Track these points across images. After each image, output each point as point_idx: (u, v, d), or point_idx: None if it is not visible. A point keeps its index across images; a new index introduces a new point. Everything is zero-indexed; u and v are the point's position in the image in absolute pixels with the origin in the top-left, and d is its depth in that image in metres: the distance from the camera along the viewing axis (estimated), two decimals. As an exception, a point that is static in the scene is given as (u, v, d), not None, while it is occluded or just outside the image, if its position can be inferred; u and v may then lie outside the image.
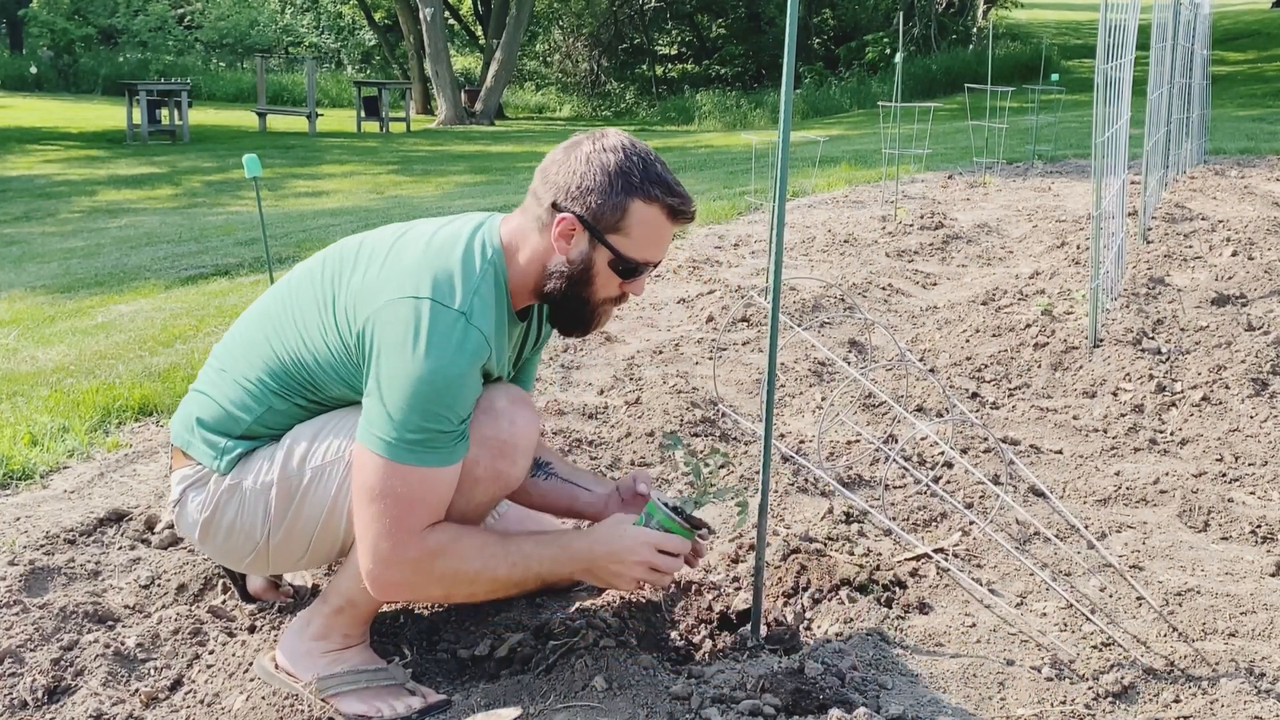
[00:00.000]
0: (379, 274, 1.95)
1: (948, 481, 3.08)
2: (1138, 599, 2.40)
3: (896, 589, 2.45)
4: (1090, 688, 2.05)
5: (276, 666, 2.07)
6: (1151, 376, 3.88)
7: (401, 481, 1.86)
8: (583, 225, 1.95)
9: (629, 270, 1.99)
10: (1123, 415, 3.58)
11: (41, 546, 2.65)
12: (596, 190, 1.93)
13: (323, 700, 1.99)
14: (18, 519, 2.88)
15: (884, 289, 5.50)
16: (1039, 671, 2.12)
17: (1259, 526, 2.74)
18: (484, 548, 1.96)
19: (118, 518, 2.84)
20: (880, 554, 2.64)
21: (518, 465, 1.99)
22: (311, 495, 2.02)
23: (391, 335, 1.87)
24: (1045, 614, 2.36)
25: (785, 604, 2.36)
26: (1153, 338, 4.34)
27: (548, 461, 2.36)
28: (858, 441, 3.40)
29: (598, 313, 2.06)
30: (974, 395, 3.84)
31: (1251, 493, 3.01)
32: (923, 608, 2.39)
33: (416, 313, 1.86)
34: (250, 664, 2.12)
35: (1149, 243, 6.26)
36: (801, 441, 3.40)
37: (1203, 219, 6.99)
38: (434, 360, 1.84)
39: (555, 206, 1.96)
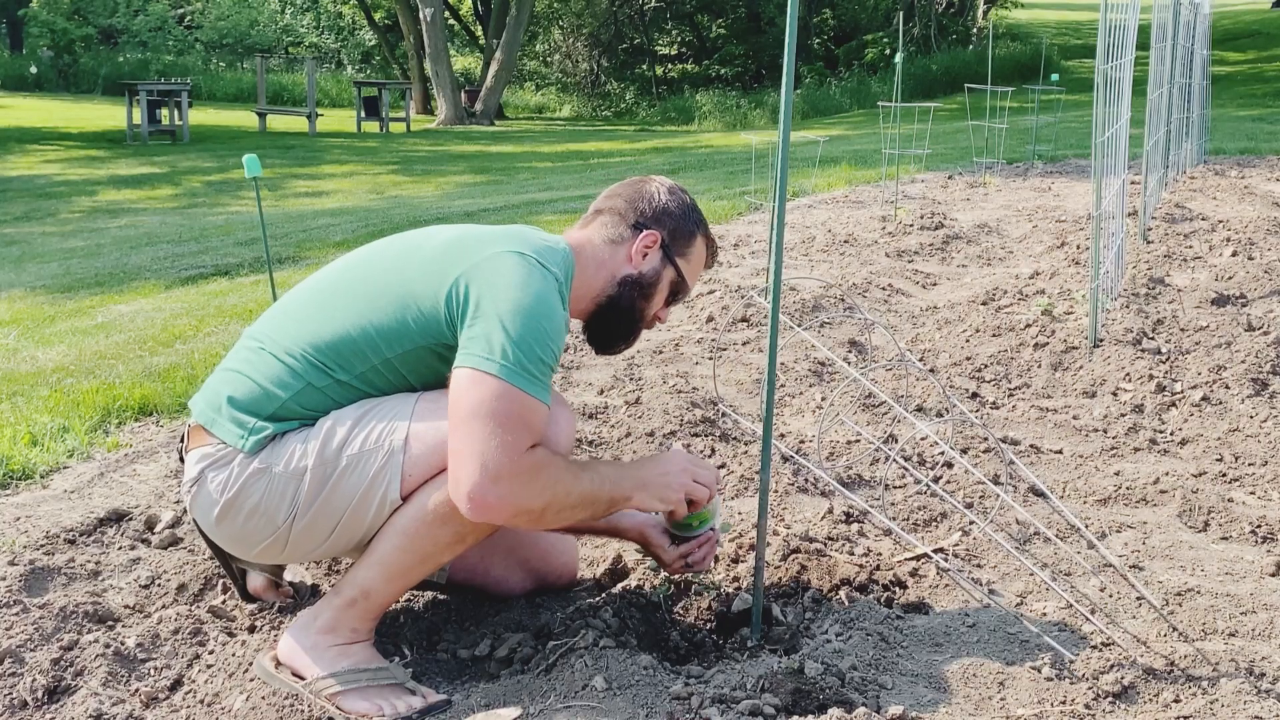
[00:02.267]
0: (468, 241, 2.09)
1: (948, 481, 3.08)
2: (1138, 599, 2.40)
3: (896, 589, 2.45)
4: (1090, 688, 2.05)
5: (278, 665, 2.07)
6: (1151, 376, 3.88)
7: (516, 404, 1.93)
8: (660, 245, 2.23)
9: (678, 292, 2.28)
10: (1123, 415, 3.58)
11: (41, 546, 2.65)
12: (676, 217, 2.26)
13: (325, 698, 1.99)
14: (18, 519, 2.88)
15: (884, 289, 5.50)
16: (1039, 671, 2.12)
17: (1259, 526, 2.74)
18: (570, 466, 2.07)
19: (118, 518, 2.84)
20: (880, 554, 2.64)
21: (562, 449, 2.03)
22: (345, 481, 2.00)
23: (499, 277, 2.00)
24: (1045, 614, 2.36)
25: (785, 604, 2.36)
26: (1153, 338, 4.34)
27: None
28: (858, 441, 3.40)
29: (640, 327, 2.29)
30: (974, 395, 3.84)
31: (1251, 493, 3.01)
32: (923, 608, 2.39)
33: (522, 261, 2.02)
34: (250, 664, 2.12)
35: (1149, 243, 6.26)
36: (801, 441, 3.40)
37: (1203, 219, 6.99)
38: (542, 299, 1.99)
39: (640, 225, 2.23)
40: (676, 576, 2.44)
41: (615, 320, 2.26)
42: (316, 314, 2.09)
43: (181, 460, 2.15)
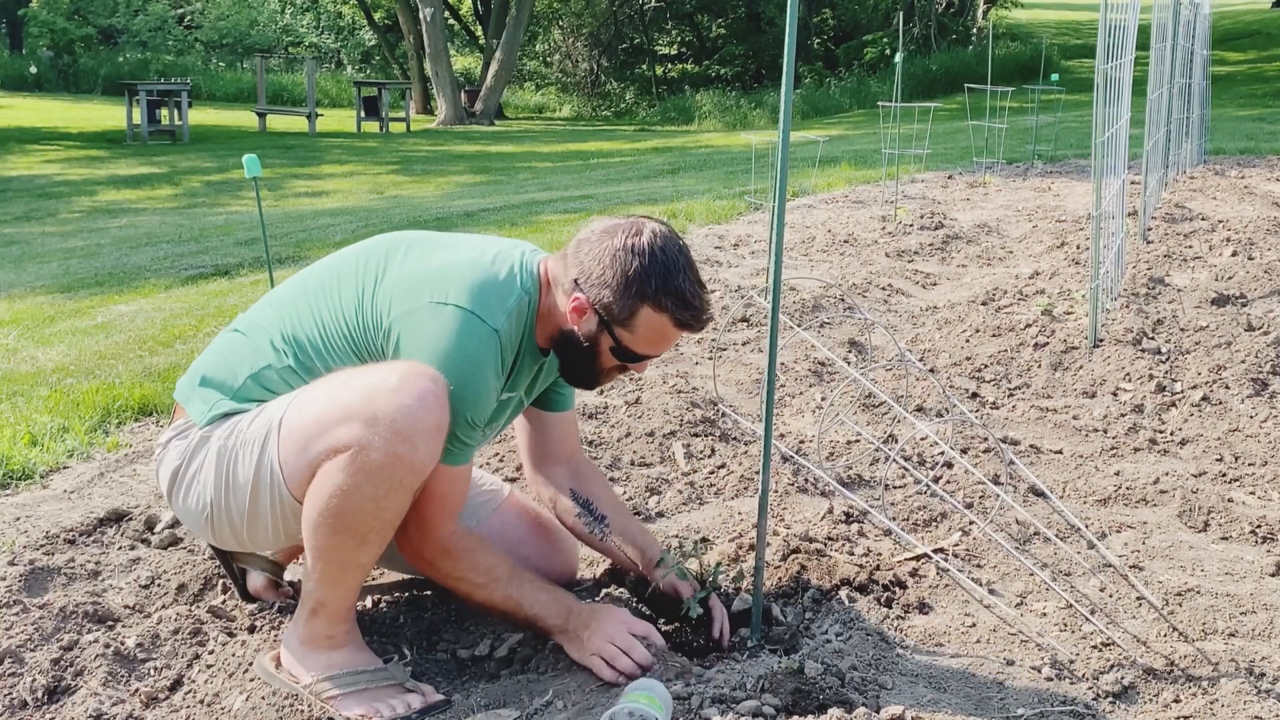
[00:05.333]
0: (424, 270, 2.05)
1: (948, 481, 3.08)
2: (1138, 599, 2.40)
3: (896, 589, 2.45)
4: (1090, 688, 2.05)
5: (278, 665, 2.07)
6: (1151, 376, 3.88)
7: (439, 481, 1.99)
8: (593, 310, 2.07)
9: (628, 358, 2.12)
10: (1123, 415, 3.58)
11: (41, 546, 2.65)
12: (611, 288, 2.04)
13: (322, 701, 1.99)
14: (18, 519, 2.88)
15: (884, 289, 5.50)
16: (1039, 671, 2.12)
17: (1259, 526, 2.74)
18: (491, 570, 2.10)
19: (118, 518, 2.84)
20: (880, 554, 2.64)
21: (420, 449, 1.88)
22: (238, 465, 2.03)
23: (428, 339, 1.97)
24: (1045, 614, 2.36)
25: (785, 604, 2.36)
26: (1153, 338, 4.34)
27: (604, 515, 2.33)
28: (858, 441, 3.40)
29: (601, 377, 2.19)
30: (974, 395, 3.84)
31: (1251, 493, 3.01)
32: (923, 608, 2.39)
33: (455, 321, 1.97)
34: (250, 664, 2.12)
35: (1149, 243, 6.26)
36: (801, 441, 3.40)
37: (1203, 219, 6.99)
38: (468, 372, 1.96)
39: (576, 283, 2.08)
40: None
41: (569, 366, 2.17)
42: (289, 306, 2.14)
43: None
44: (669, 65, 31.82)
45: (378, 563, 2.29)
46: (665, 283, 2.04)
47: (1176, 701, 2.01)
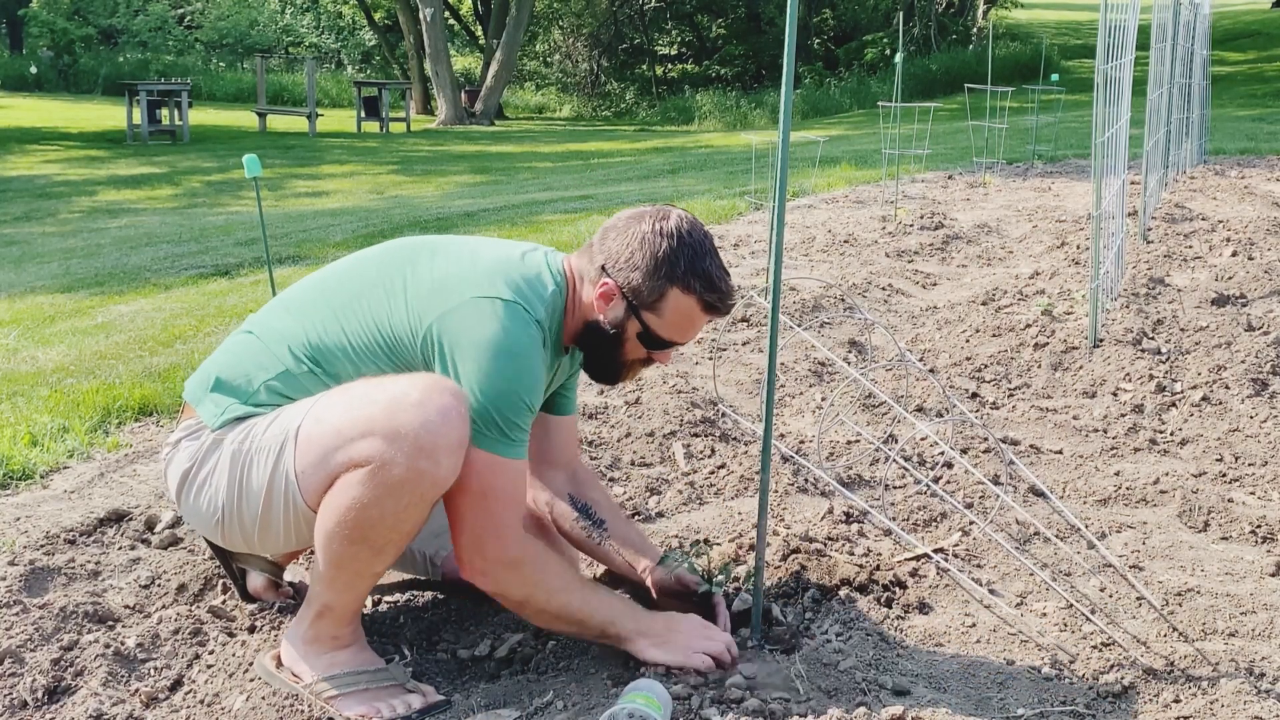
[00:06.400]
0: (458, 271, 2.05)
1: (948, 481, 3.08)
2: (1138, 599, 2.40)
3: (896, 589, 2.45)
4: (1090, 688, 2.05)
5: (279, 665, 2.07)
6: (1151, 376, 3.88)
7: (498, 474, 1.96)
8: (621, 295, 2.08)
9: (655, 344, 2.13)
10: (1123, 415, 3.58)
11: (41, 546, 2.65)
12: (640, 269, 2.06)
13: (323, 701, 1.99)
14: (18, 519, 2.88)
15: (884, 289, 5.50)
16: (1039, 671, 2.12)
17: (1259, 526, 2.74)
18: (565, 573, 2.08)
19: (118, 518, 2.84)
20: (880, 554, 2.64)
21: (442, 464, 1.88)
22: (253, 471, 2.01)
23: (477, 331, 1.96)
24: (1045, 614, 2.36)
25: (785, 604, 2.36)
26: (1153, 338, 4.34)
27: (602, 520, 2.33)
28: (858, 441, 3.40)
29: (626, 370, 2.19)
30: (974, 395, 3.84)
31: (1251, 493, 3.01)
32: (923, 608, 2.39)
33: (500, 310, 1.98)
34: (250, 664, 2.12)
35: (1149, 243, 6.26)
36: (801, 441, 3.40)
37: (1203, 219, 6.99)
38: (515, 355, 1.96)
39: (603, 269, 2.09)
40: None
41: (593, 360, 2.19)
42: (309, 312, 2.12)
43: None
44: (669, 65, 31.83)
45: None
46: (693, 264, 2.06)
47: (1176, 701, 2.01)
